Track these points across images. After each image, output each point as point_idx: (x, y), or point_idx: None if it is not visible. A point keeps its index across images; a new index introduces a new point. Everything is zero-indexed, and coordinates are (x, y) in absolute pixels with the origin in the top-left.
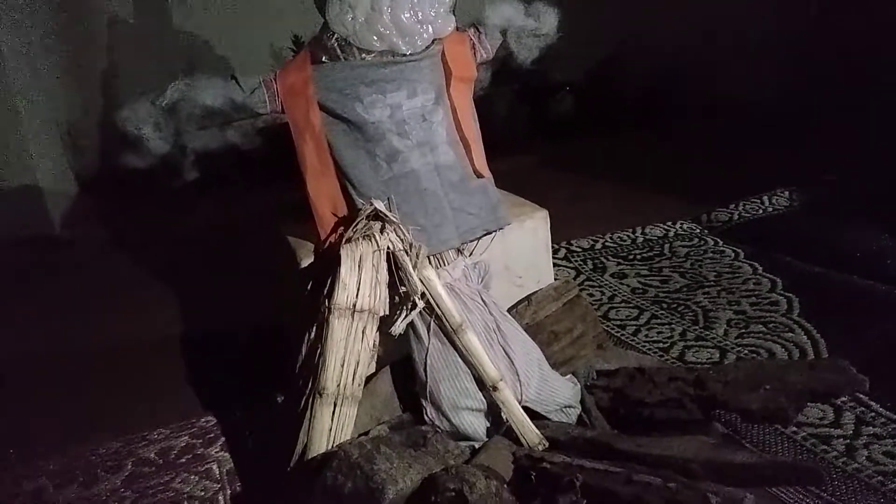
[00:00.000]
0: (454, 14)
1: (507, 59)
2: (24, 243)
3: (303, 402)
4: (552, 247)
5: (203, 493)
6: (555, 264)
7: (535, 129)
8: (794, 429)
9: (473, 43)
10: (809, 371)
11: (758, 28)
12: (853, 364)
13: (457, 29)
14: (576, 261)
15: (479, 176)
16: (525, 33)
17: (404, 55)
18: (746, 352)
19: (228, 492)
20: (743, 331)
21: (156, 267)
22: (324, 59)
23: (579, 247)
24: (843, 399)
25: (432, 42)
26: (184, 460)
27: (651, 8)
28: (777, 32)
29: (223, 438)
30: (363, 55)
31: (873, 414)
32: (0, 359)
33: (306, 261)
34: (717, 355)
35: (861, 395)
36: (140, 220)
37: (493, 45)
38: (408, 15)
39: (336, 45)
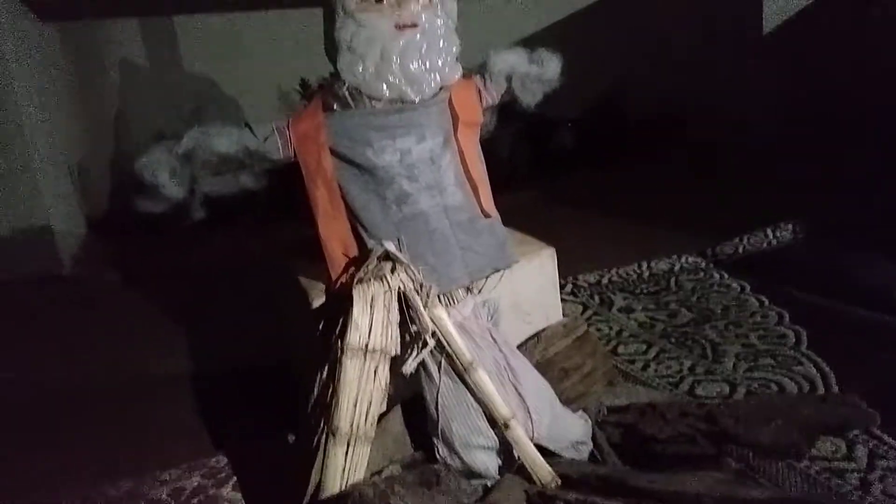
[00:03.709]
0: (460, 62)
1: (512, 103)
2: (34, 282)
3: (315, 442)
4: (559, 282)
5: None
6: (562, 299)
7: (537, 165)
8: (808, 463)
9: (479, 89)
10: (821, 405)
11: (757, 61)
12: (863, 396)
13: (463, 75)
14: (583, 295)
15: (487, 216)
16: (529, 79)
17: (413, 102)
18: (756, 385)
19: None
20: (752, 364)
21: (165, 305)
22: (335, 106)
23: (586, 281)
24: (856, 432)
25: (440, 89)
26: (196, 501)
27: (650, 41)
28: (778, 64)
29: (234, 478)
30: (373, 103)
31: (886, 447)
32: (10, 397)
33: (318, 301)
34: (727, 389)
35: (873, 429)
36: (149, 258)
37: (498, 91)
38: (416, 64)
39: (347, 93)
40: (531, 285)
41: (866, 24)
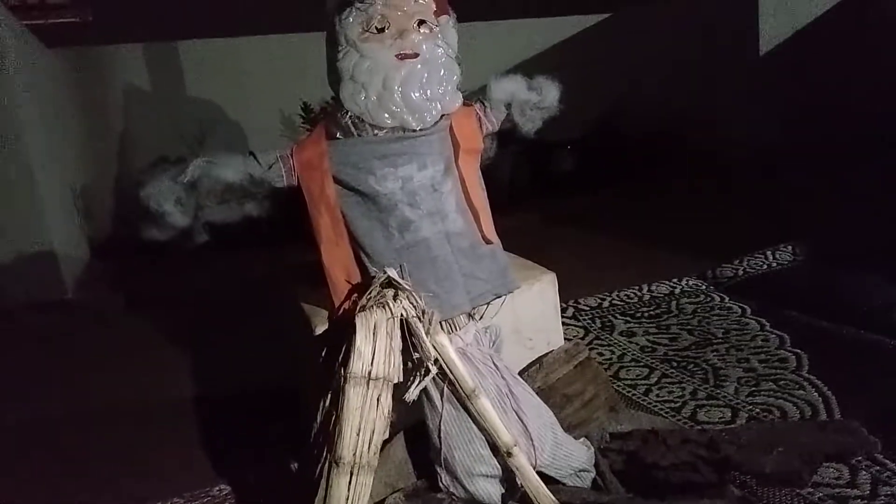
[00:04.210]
0: (460, 90)
1: (512, 129)
2: (37, 307)
3: (318, 471)
4: (560, 306)
5: None
6: (563, 323)
7: (537, 187)
8: (811, 490)
9: (479, 116)
10: (821, 432)
11: (757, 81)
12: (865, 421)
13: (463, 103)
14: (584, 319)
15: (488, 242)
16: (528, 106)
17: (414, 131)
18: (758, 410)
19: None
20: (753, 389)
21: (167, 330)
22: (338, 135)
23: (587, 305)
24: (858, 458)
25: (441, 117)
26: None
27: (648, 64)
28: (775, 85)
29: None
30: (375, 131)
31: (888, 473)
32: (12, 423)
33: (321, 328)
34: (729, 414)
35: (876, 454)
36: (152, 282)
37: (498, 118)
38: (417, 94)
39: (350, 122)
40: (532, 310)
41: (862, 44)
